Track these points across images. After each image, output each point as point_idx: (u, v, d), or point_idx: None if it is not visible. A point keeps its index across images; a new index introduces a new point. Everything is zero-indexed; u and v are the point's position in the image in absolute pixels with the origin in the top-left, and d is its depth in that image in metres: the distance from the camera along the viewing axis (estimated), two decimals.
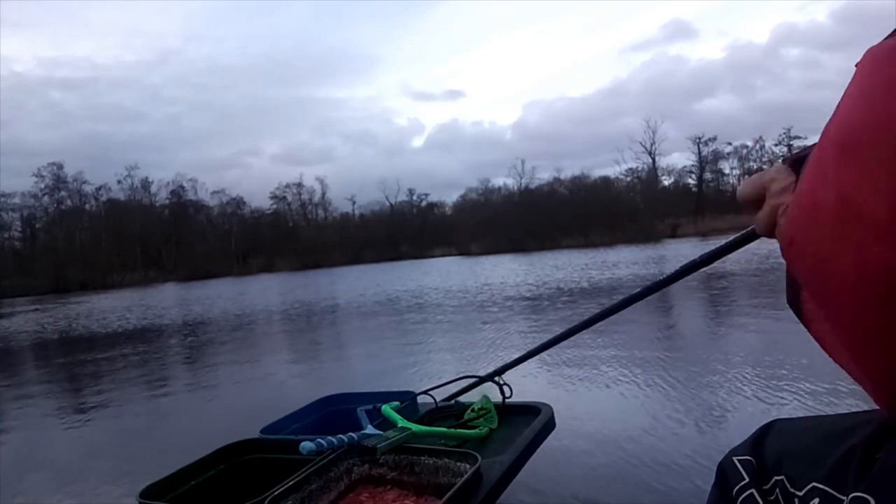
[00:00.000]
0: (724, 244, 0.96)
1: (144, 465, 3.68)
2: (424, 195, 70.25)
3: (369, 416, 1.48)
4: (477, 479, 1.16)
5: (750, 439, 0.55)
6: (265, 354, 8.12)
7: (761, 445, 0.53)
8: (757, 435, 0.55)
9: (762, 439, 0.54)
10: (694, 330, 6.59)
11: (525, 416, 1.58)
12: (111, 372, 7.65)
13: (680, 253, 23.57)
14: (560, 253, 35.05)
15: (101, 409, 5.49)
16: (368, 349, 7.75)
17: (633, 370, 4.91)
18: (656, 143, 60.25)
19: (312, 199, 69.70)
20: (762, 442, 0.53)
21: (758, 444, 0.54)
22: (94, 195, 62.52)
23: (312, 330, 10.37)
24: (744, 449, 0.54)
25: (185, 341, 10.28)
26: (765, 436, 0.54)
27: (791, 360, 4.59)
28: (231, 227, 66.41)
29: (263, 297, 20.45)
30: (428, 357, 6.57)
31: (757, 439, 0.54)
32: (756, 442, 0.54)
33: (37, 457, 4.19)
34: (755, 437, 0.55)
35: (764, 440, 0.54)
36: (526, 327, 8.17)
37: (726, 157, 64.27)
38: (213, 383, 6.34)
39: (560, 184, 59.64)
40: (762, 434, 0.55)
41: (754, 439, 0.54)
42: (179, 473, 1.33)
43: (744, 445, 0.55)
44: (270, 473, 1.33)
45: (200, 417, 5.06)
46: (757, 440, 0.54)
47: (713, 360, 5.03)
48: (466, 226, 56.73)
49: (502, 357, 6.20)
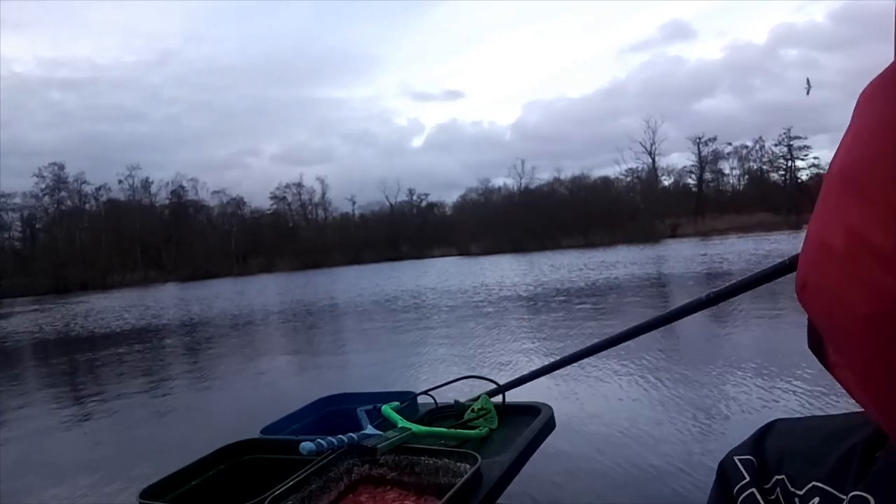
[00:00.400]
0: (758, 274, 0.96)
1: (145, 464, 3.68)
2: (424, 195, 70.35)
3: (369, 416, 1.47)
4: (477, 479, 1.16)
5: (751, 439, 0.55)
6: (264, 354, 8.12)
7: (762, 445, 0.53)
8: (758, 435, 0.55)
9: (763, 439, 0.54)
10: (693, 331, 6.59)
11: (525, 417, 1.58)
12: (111, 371, 7.65)
13: (680, 253, 23.58)
14: (560, 253, 35.06)
15: (99, 410, 5.49)
16: (362, 347, 7.76)
17: (639, 371, 4.91)
18: (656, 143, 60.30)
19: (312, 199, 69.80)
20: (763, 441, 0.54)
21: (759, 443, 0.54)
22: (94, 195, 62.60)
23: (310, 329, 10.37)
24: (744, 448, 0.54)
25: (183, 341, 10.28)
26: (766, 435, 0.54)
27: (788, 360, 4.60)
28: (231, 228, 66.42)
29: (263, 298, 20.46)
30: (423, 355, 6.57)
31: (758, 439, 0.54)
32: (757, 441, 0.54)
33: (36, 461, 4.19)
34: (756, 436, 0.55)
35: (765, 440, 0.54)
36: (516, 326, 8.18)
37: (726, 157, 64.34)
38: (212, 383, 6.34)
39: (560, 184, 59.72)
40: (763, 434, 0.55)
41: (755, 439, 0.55)
42: (179, 473, 1.33)
43: (744, 445, 0.55)
44: (270, 474, 1.33)
45: (200, 417, 5.06)
46: (758, 440, 0.54)
47: (717, 359, 5.04)
48: (466, 226, 56.74)
49: (494, 355, 6.21)
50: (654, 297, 10.98)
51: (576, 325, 7.86)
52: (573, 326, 7.73)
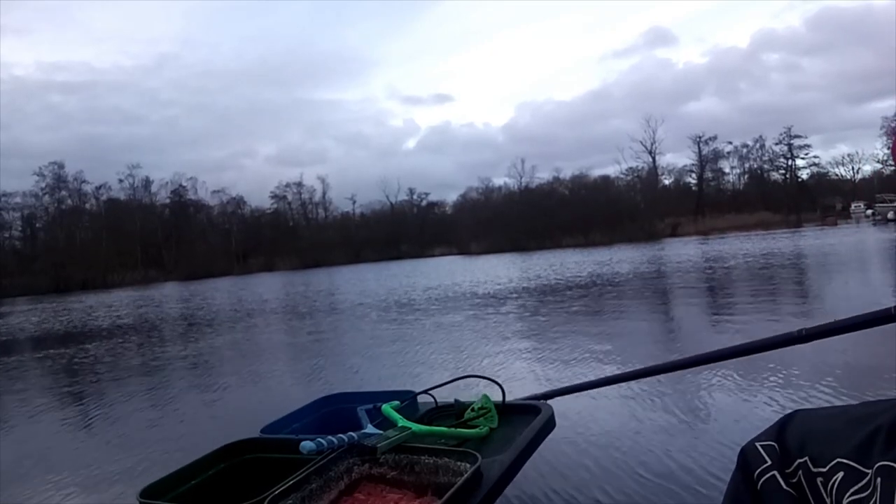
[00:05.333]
0: (853, 320, 0.95)
1: (144, 464, 3.68)
2: (425, 194, 70.31)
3: (369, 415, 1.48)
4: (477, 478, 1.16)
5: (773, 427, 0.55)
6: (262, 354, 8.12)
7: (784, 432, 0.53)
8: (780, 423, 0.55)
9: (785, 427, 0.54)
10: (697, 324, 6.59)
11: (525, 416, 1.58)
12: (108, 374, 7.65)
13: (680, 252, 23.58)
14: (560, 252, 35.05)
15: (100, 409, 5.49)
16: (356, 344, 7.77)
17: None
18: (656, 142, 60.24)
19: (313, 199, 69.77)
20: (785, 429, 0.54)
21: (781, 430, 0.54)
22: (94, 194, 62.57)
23: (308, 329, 10.38)
24: (766, 436, 0.54)
25: (183, 342, 10.29)
26: (787, 424, 0.54)
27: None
28: (231, 227, 66.40)
29: (262, 297, 20.47)
30: (417, 352, 6.58)
31: (780, 427, 0.54)
32: (779, 429, 0.54)
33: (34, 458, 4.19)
34: (778, 425, 0.55)
35: (786, 428, 0.54)
36: (502, 322, 8.20)
37: (726, 157, 64.28)
38: (212, 384, 6.35)
39: (560, 183, 59.65)
40: (785, 422, 0.55)
41: (778, 427, 0.55)
42: (179, 473, 1.33)
43: (766, 433, 0.55)
44: (270, 473, 1.33)
45: (199, 418, 5.06)
46: (780, 428, 0.54)
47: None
48: (466, 225, 56.70)
49: (485, 352, 6.22)
50: (660, 296, 10.99)
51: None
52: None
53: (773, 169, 63.42)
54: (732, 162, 64.68)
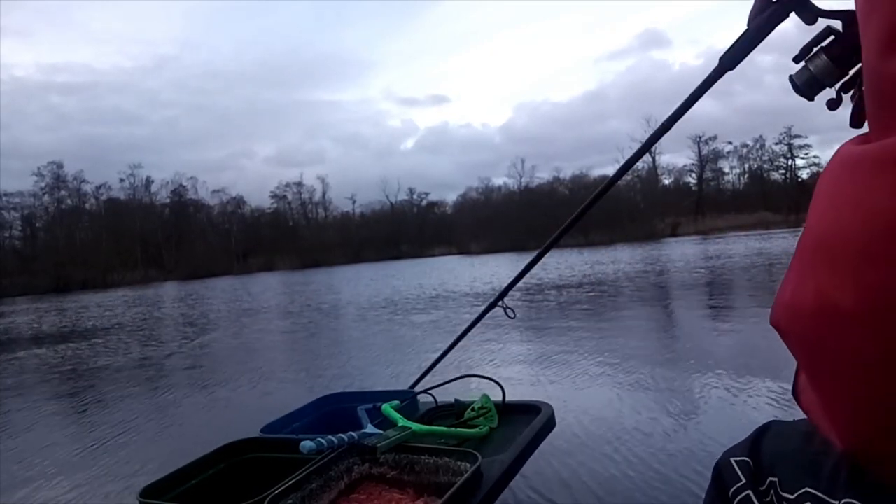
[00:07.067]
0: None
1: (143, 464, 3.69)
2: (425, 194, 70.34)
3: (369, 415, 1.48)
4: (477, 477, 1.16)
5: (747, 440, 0.55)
6: (262, 354, 8.13)
7: (758, 447, 0.53)
8: (754, 436, 0.55)
9: (759, 441, 0.54)
10: (694, 325, 6.59)
11: (525, 416, 1.58)
12: (108, 373, 7.65)
13: (679, 252, 23.57)
14: (560, 252, 35.03)
15: (98, 409, 5.50)
16: (349, 341, 7.78)
17: (644, 370, 4.91)
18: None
19: (313, 199, 69.80)
20: (759, 443, 0.54)
21: (755, 445, 0.54)
22: (94, 194, 62.59)
23: (307, 328, 10.38)
24: (740, 450, 0.54)
25: (182, 341, 10.30)
26: (761, 437, 0.54)
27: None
28: (231, 227, 66.41)
29: (261, 297, 20.47)
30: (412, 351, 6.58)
31: (754, 440, 0.54)
32: (753, 443, 0.54)
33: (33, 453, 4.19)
34: (752, 438, 0.55)
35: (761, 442, 0.54)
36: (502, 322, 8.21)
37: (726, 157, 64.31)
38: (211, 383, 6.35)
39: (560, 183, 59.68)
40: (759, 435, 0.55)
41: (751, 440, 0.55)
42: (179, 473, 1.33)
43: (740, 446, 0.55)
44: (270, 472, 1.33)
45: (199, 417, 5.07)
46: (754, 441, 0.54)
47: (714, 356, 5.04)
48: (466, 225, 56.71)
49: (479, 350, 6.22)
50: (659, 293, 11.00)
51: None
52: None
53: (773, 169, 63.49)
54: (732, 162, 64.74)
